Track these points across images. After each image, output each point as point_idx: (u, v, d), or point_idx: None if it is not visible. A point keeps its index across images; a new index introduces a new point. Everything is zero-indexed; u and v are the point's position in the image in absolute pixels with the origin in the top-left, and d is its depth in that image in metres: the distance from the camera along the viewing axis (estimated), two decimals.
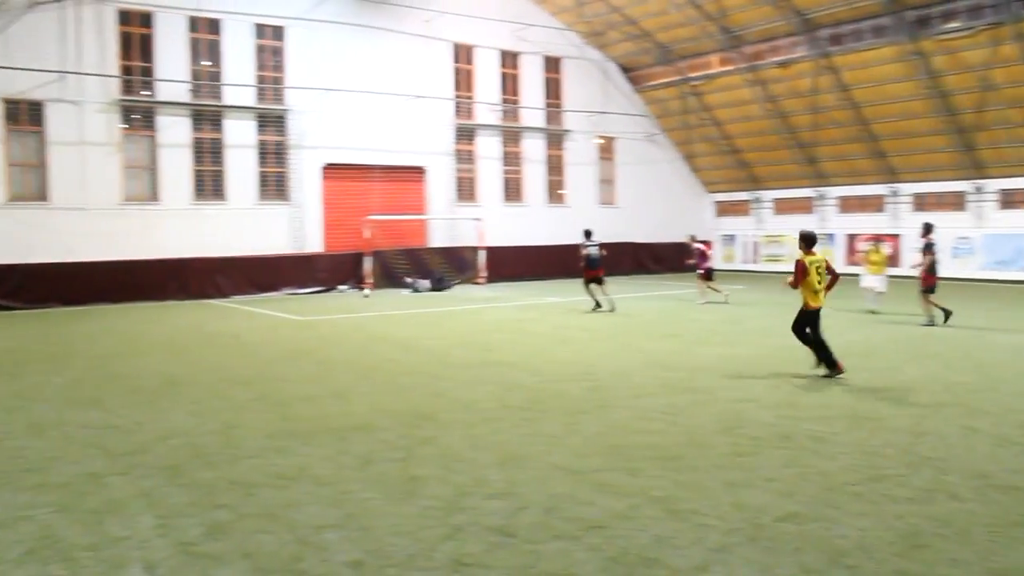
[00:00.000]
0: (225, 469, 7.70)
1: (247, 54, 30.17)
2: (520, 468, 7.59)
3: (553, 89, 37.56)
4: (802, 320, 12.05)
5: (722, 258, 40.97)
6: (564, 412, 9.88)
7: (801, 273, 11.81)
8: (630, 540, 5.85)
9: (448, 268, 32.78)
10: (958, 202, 32.39)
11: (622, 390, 11.20)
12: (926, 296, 17.98)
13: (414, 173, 33.72)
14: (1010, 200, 30.93)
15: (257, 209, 30.17)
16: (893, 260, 27.51)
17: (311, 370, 13.36)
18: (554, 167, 37.73)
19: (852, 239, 35.29)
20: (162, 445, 8.63)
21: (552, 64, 37.40)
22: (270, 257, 29.70)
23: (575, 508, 6.50)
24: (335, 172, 31.71)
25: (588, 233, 22.65)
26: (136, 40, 28.32)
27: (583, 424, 9.28)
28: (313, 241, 31.25)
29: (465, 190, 35.07)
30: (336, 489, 7.04)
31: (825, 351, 11.90)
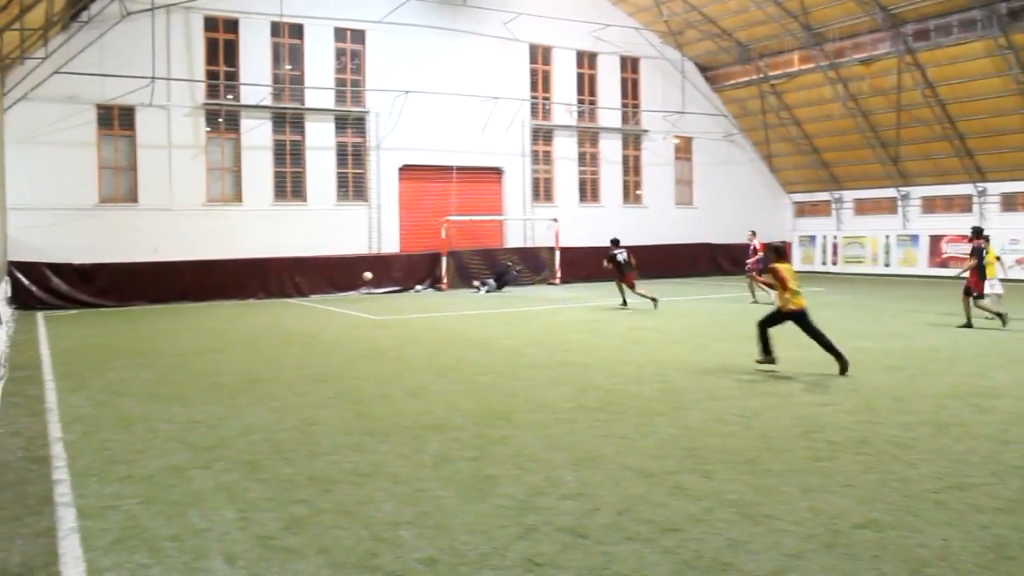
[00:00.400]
0: (303, 465, 7.82)
1: (327, 57, 30.69)
2: (594, 469, 7.55)
3: (630, 89, 37.38)
4: (777, 317, 12.91)
5: (801, 259, 40.27)
6: (638, 413, 9.80)
7: (782, 280, 12.70)
8: (704, 543, 5.76)
9: (518, 267, 32.78)
10: None
11: (697, 392, 11.06)
12: (975, 301, 17.55)
13: (491, 174, 33.88)
14: None
15: (335, 210, 30.65)
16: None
17: (387, 369, 13.50)
18: (631, 167, 37.53)
19: (936, 240, 34.34)
20: (242, 440, 8.80)
21: (629, 64, 37.21)
22: (348, 257, 30.11)
23: (648, 510, 6.43)
24: (412, 173, 32.03)
25: (616, 242, 23.64)
26: (221, 46, 29.04)
27: (657, 426, 9.19)
28: (390, 242, 31.60)
29: (541, 191, 35.09)
30: (411, 487, 7.09)
31: (827, 344, 12.60)
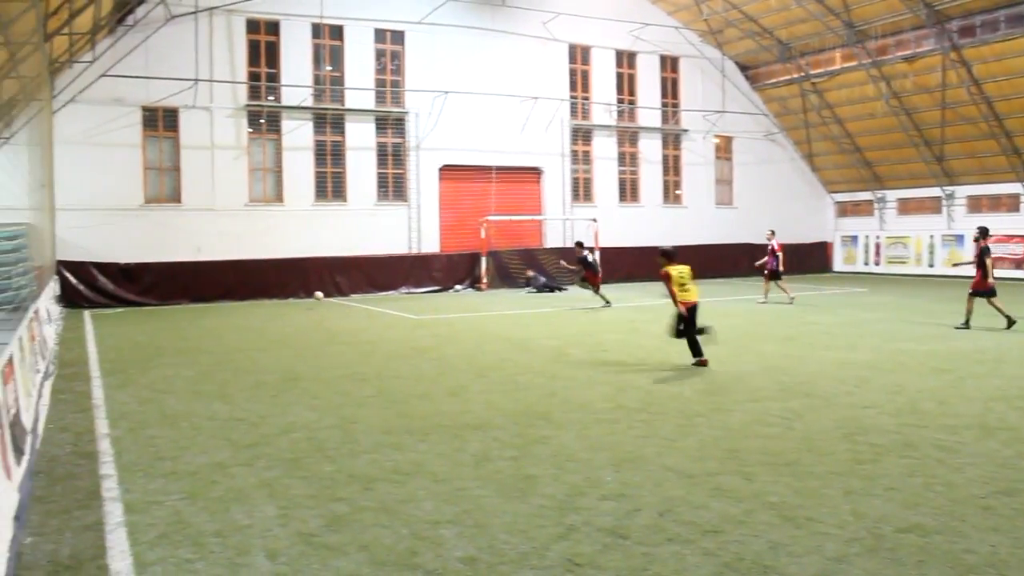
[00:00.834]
0: (344, 463, 7.88)
1: (367, 58, 30.88)
2: (634, 470, 7.52)
3: (670, 88, 37.19)
4: (684, 316, 13.29)
5: (843, 260, 39.84)
6: (679, 414, 9.76)
7: (666, 280, 13.43)
8: (745, 546, 5.72)
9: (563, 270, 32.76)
10: None
11: (738, 393, 10.99)
12: (990, 299, 17.31)
13: (530, 174, 33.89)
14: None
15: (376, 210, 30.83)
16: None
17: (427, 368, 13.55)
18: (670, 167, 37.34)
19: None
20: (284, 438, 8.89)
21: (669, 63, 37.03)
22: (388, 257, 30.27)
23: (689, 511, 6.40)
24: (452, 173, 32.13)
25: (581, 244, 24.77)
26: (263, 47, 29.34)
27: (698, 427, 9.14)
28: (429, 242, 31.72)
29: (581, 191, 35.02)
30: (451, 486, 7.12)
31: (692, 339, 13.30)
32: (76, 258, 25.81)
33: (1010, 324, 17.13)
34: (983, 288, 17.34)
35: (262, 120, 29.37)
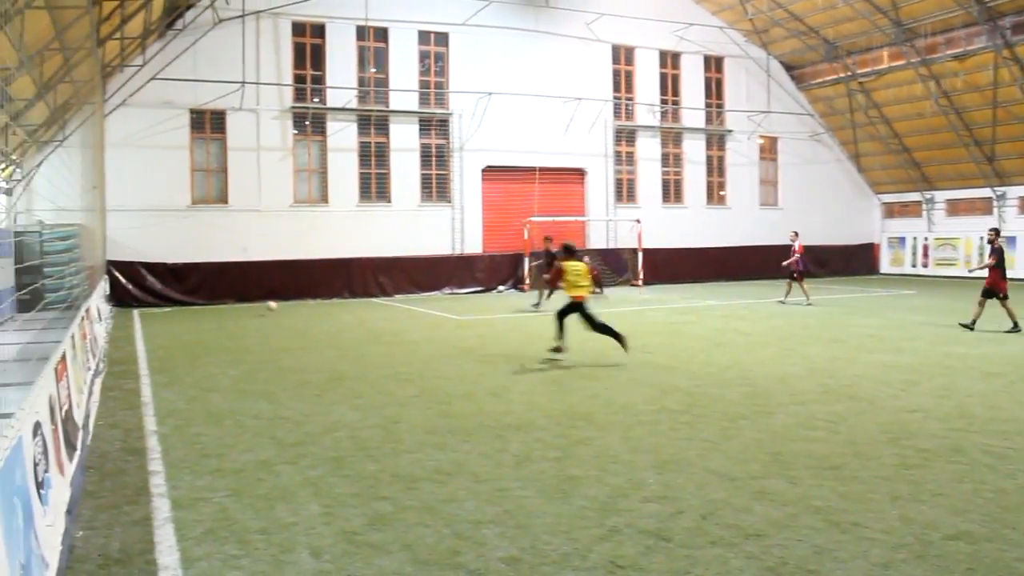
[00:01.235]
0: (387, 462, 7.93)
1: (411, 60, 31.05)
2: (677, 472, 7.49)
3: (714, 89, 36.93)
4: (567, 308, 14.20)
5: (890, 262, 39.27)
6: (722, 417, 9.69)
7: (558, 275, 14.38)
8: (789, 550, 5.67)
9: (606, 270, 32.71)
10: None
11: (782, 396, 10.88)
12: (1003, 301, 17.17)
13: (573, 175, 33.84)
14: None
15: (419, 211, 30.97)
16: None
17: (469, 368, 13.60)
18: (714, 168, 37.07)
19: None
20: (328, 437, 8.97)
21: (713, 63, 36.77)
22: (431, 257, 30.41)
23: (732, 515, 6.35)
24: (495, 174, 32.19)
25: (549, 239, 24.57)
26: (308, 50, 29.62)
27: (741, 430, 9.07)
28: (473, 242, 31.81)
29: (624, 191, 34.91)
30: (493, 486, 7.13)
31: (606, 329, 14.04)
32: (125, 258, 26.28)
33: (1015, 329, 16.98)
34: (999, 289, 17.24)
35: (307, 122, 29.66)
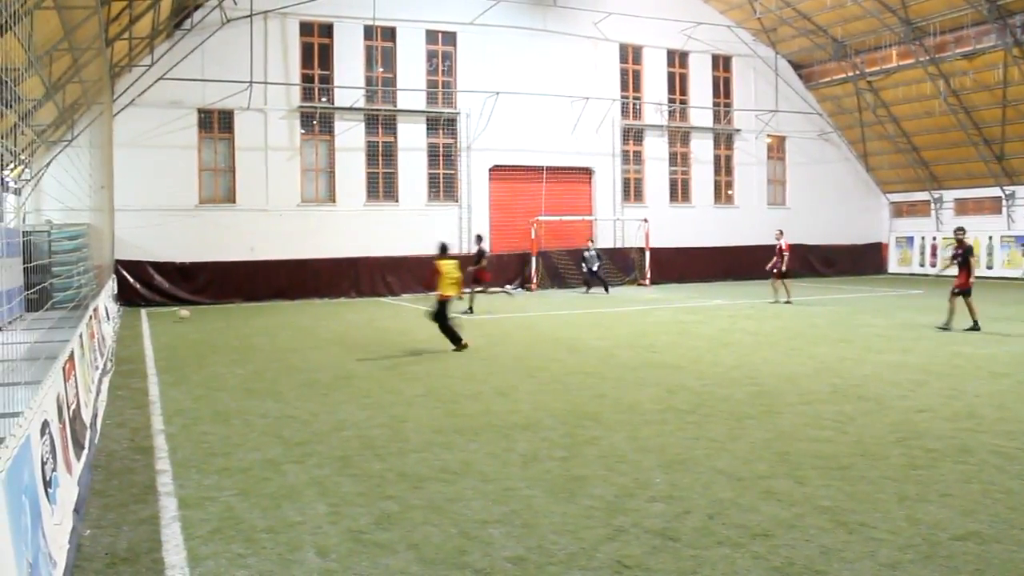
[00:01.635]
0: (393, 461, 7.93)
1: (419, 60, 31.07)
2: (684, 472, 7.48)
3: (722, 88, 36.87)
4: (443, 306, 15.45)
5: (898, 261, 39.15)
6: (729, 417, 9.68)
7: (434, 274, 15.48)
8: (796, 550, 5.66)
9: (613, 268, 32.74)
10: None
11: (789, 396, 10.86)
12: (966, 298, 17.39)
13: (581, 174, 33.82)
14: None
15: (427, 210, 30.99)
16: None
17: (476, 367, 13.60)
18: (722, 167, 37.01)
19: None
20: (335, 436, 8.98)
21: (721, 62, 36.72)
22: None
23: (739, 515, 6.35)
24: (502, 173, 32.18)
25: (480, 238, 24.47)
26: (316, 50, 29.67)
27: (748, 429, 9.05)
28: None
29: (632, 191, 34.88)
30: (500, 485, 7.13)
31: (449, 332, 15.37)
32: (134, 257, 26.34)
33: (974, 328, 17.20)
34: (966, 287, 17.41)
35: (315, 121, 29.69)
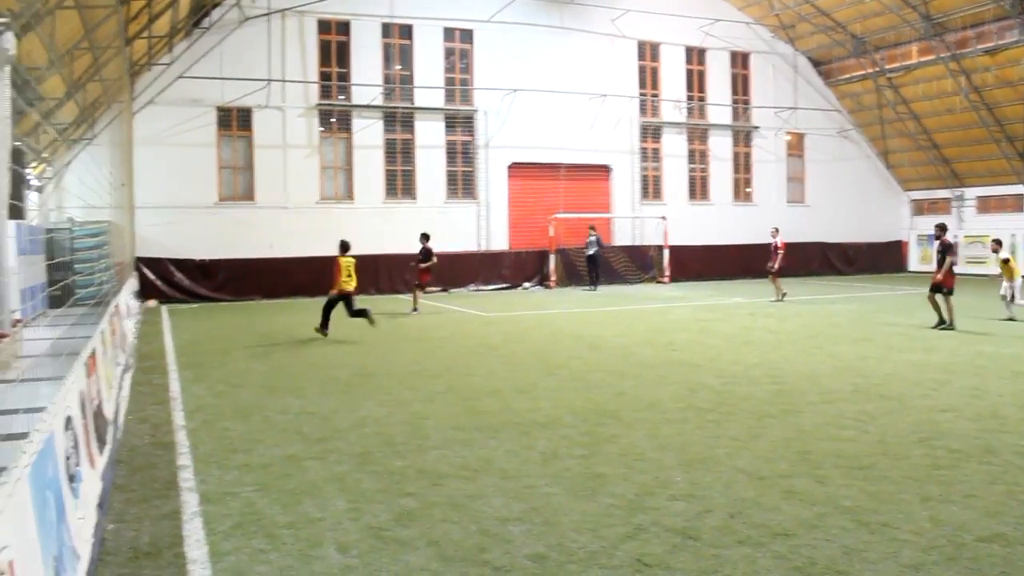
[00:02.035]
0: (413, 458, 7.93)
1: (437, 57, 31.08)
2: (704, 470, 7.44)
3: (740, 85, 36.71)
4: (333, 300, 17.35)
5: (919, 259, 38.86)
6: (750, 415, 9.63)
7: (337, 269, 17.27)
8: (817, 550, 5.61)
9: (631, 266, 32.74)
10: None
11: (810, 395, 10.79)
12: (947, 298, 17.39)
13: (599, 171, 33.75)
14: None
15: (445, 207, 31.01)
16: None
17: (496, 365, 13.59)
18: (741, 165, 36.86)
19: None
20: (354, 433, 8.99)
21: (740, 59, 36.56)
22: (457, 254, 30.43)
23: (760, 514, 6.30)
24: (520, 171, 32.17)
25: (426, 236, 22.95)
26: (334, 47, 29.74)
27: (769, 428, 9.00)
28: (498, 239, 31.81)
29: (650, 188, 34.78)
30: (520, 483, 7.12)
31: (325, 320, 17.22)
32: (154, 255, 26.50)
33: (942, 325, 17.29)
34: (946, 284, 17.41)
35: (333, 119, 29.77)
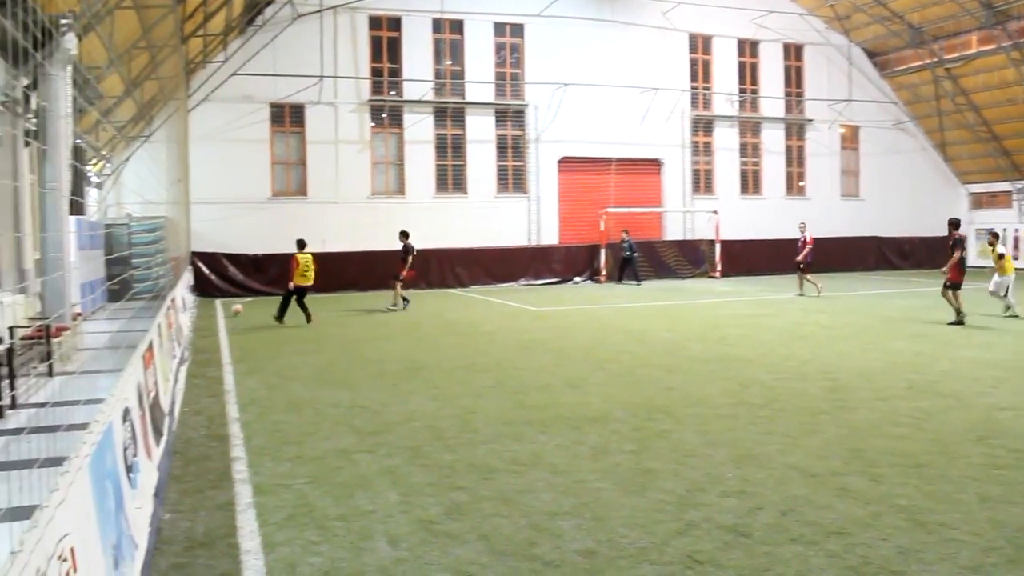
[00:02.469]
0: (463, 452, 7.96)
1: (487, 52, 31.12)
2: (756, 467, 7.37)
3: (793, 77, 36.22)
4: (290, 293, 18.88)
5: (977, 254, 37.99)
6: (802, 412, 9.51)
7: (295, 265, 18.69)
8: (872, 549, 5.52)
9: (681, 261, 32.55)
10: None
11: (864, 391, 10.62)
12: (955, 293, 17.40)
13: (650, 166, 33.56)
14: None
15: (495, 202, 31.06)
16: None
17: (546, 359, 13.58)
18: (794, 158, 36.38)
19: None
20: (405, 426, 9.05)
21: (793, 51, 36.06)
22: (507, 249, 30.47)
23: (813, 512, 6.22)
24: (571, 165, 32.10)
25: (405, 234, 22.38)
26: (385, 43, 29.92)
27: (822, 425, 8.88)
28: (549, 233, 31.78)
29: (701, 182, 34.49)
30: (570, 478, 7.11)
31: (282, 311, 18.84)
32: (208, 249, 26.92)
33: (959, 322, 17.25)
34: (955, 279, 17.46)
35: (384, 114, 29.96)
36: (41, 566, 2.75)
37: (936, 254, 37.34)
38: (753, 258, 33.72)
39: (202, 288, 26.36)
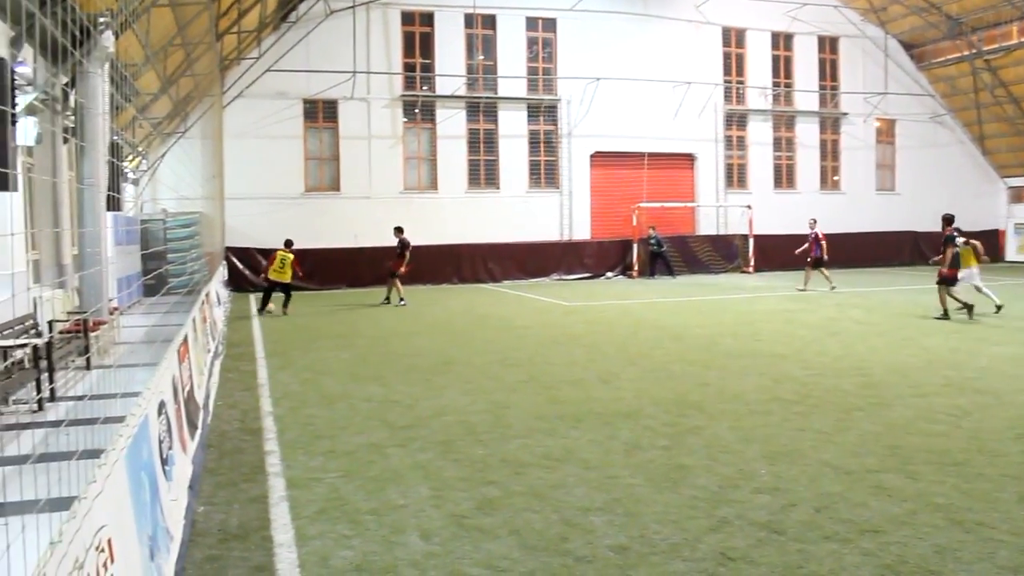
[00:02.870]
0: (495, 447, 7.97)
1: (519, 47, 31.09)
2: (789, 463, 7.30)
3: (828, 70, 35.85)
4: (271, 288, 20.38)
5: (1017, 249, 37.46)
6: (836, 408, 9.41)
7: (271, 261, 20.08)
8: (908, 548, 5.45)
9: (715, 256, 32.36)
10: None
11: (899, 388, 10.50)
12: (946, 289, 17.26)
13: (683, 160, 33.39)
14: None
15: (528, 197, 31.05)
16: None
17: (578, 354, 13.56)
18: (828, 152, 36.02)
19: None
20: (437, 421, 9.07)
21: (828, 44, 35.70)
22: (540, 244, 30.46)
23: (848, 509, 6.16)
24: (603, 160, 32.01)
25: (400, 229, 22.55)
26: (417, 39, 29.99)
27: (857, 421, 8.79)
28: (581, 228, 31.73)
29: (735, 177, 34.26)
30: (602, 473, 7.09)
31: (265, 303, 20.51)
32: (242, 244, 27.14)
33: (965, 309, 17.26)
34: (949, 276, 17.31)
35: (417, 110, 30.04)
36: (79, 556, 2.79)
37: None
38: (787, 253, 33.34)
39: (236, 283, 26.58)
